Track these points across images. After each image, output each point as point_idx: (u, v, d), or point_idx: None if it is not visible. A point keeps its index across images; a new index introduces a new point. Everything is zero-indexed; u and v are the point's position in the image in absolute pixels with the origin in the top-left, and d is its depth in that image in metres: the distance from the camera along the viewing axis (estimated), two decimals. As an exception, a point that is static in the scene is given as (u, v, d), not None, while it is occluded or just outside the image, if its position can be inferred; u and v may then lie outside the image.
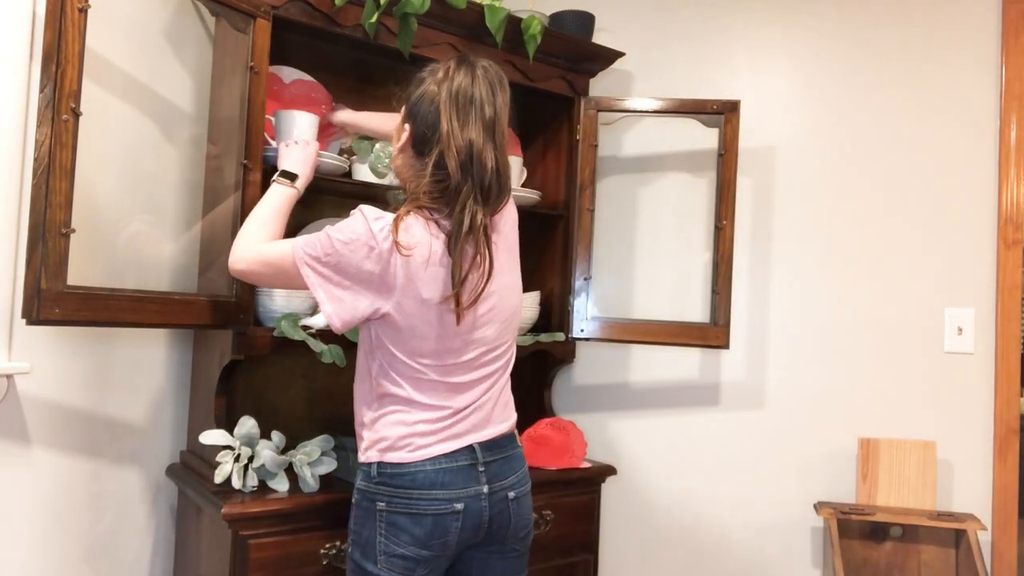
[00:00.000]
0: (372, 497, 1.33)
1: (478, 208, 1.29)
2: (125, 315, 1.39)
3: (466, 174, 1.28)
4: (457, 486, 1.31)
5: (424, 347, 1.32)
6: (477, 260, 1.30)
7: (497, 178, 1.31)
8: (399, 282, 1.27)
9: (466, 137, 1.28)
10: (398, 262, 1.26)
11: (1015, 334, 2.16)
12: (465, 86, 1.30)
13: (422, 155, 1.32)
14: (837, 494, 2.21)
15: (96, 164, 1.64)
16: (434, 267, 1.28)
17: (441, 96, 1.30)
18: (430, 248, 1.28)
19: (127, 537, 1.76)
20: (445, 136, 1.28)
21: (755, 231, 2.34)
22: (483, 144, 1.29)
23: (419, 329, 1.30)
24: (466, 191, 1.28)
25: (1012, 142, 2.17)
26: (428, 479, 1.30)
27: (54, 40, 1.25)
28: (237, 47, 1.64)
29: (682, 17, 2.42)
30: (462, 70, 1.32)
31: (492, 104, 1.32)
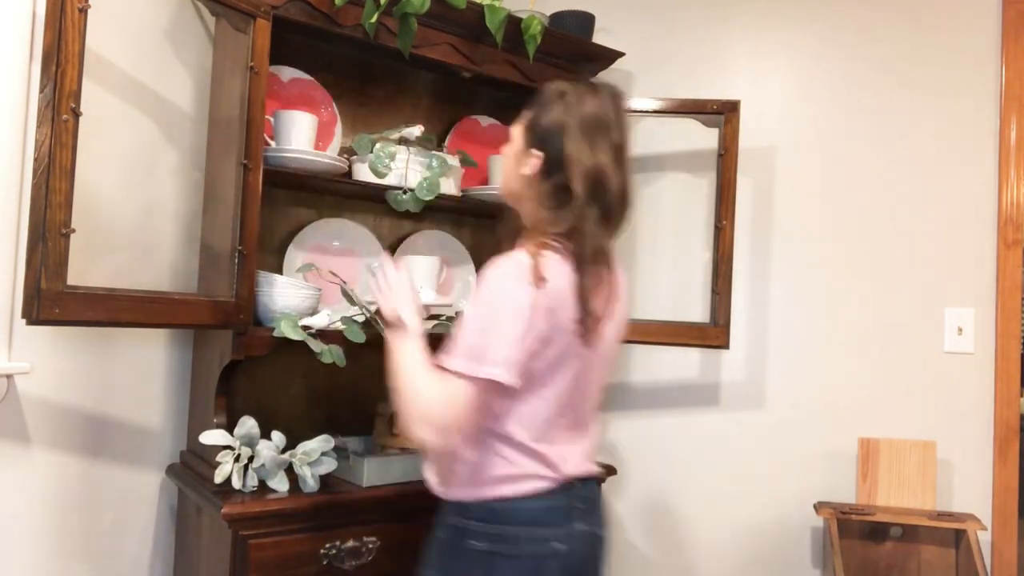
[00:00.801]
0: (468, 535, 1.26)
1: (602, 233, 1.26)
2: (125, 315, 1.39)
3: (593, 198, 1.24)
4: (557, 524, 1.27)
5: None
6: (602, 287, 1.28)
7: (622, 203, 1.28)
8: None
9: (596, 161, 1.24)
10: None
11: (1015, 334, 2.16)
12: (594, 109, 1.27)
13: (548, 179, 1.27)
14: (837, 494, 2.21)
15: (96, 164, 1.64)
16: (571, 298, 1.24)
17: (571, 121, 1.26)
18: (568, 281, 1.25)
19: (127, 537, 1.76)
20: (575, 160, 1.24)
21: (755, 231, 2.34)
22: (612, 168, 1.26)
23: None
24: (592, 215, 1.24)
25: (1012, 142, 2.17)
26: (529, 516, 1.25)
27: (54, 40, 1.25)
28: (237, 47, 1.64)
29: (682, 17, 2.42)
30: (590, 94, 1.29)
31: (619, 128, 1.29)
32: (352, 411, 2.01)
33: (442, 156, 1.93)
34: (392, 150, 1.86)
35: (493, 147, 2.26)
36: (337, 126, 1.99)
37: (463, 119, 2.24)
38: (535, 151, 1.29)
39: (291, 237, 1.95)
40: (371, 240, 2.06)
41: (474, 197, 2.09)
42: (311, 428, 1.90)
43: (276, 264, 1.92)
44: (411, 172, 1.90)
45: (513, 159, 1.35)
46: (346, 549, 1.60)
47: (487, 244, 2.35)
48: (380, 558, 1.64)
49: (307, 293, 1.73)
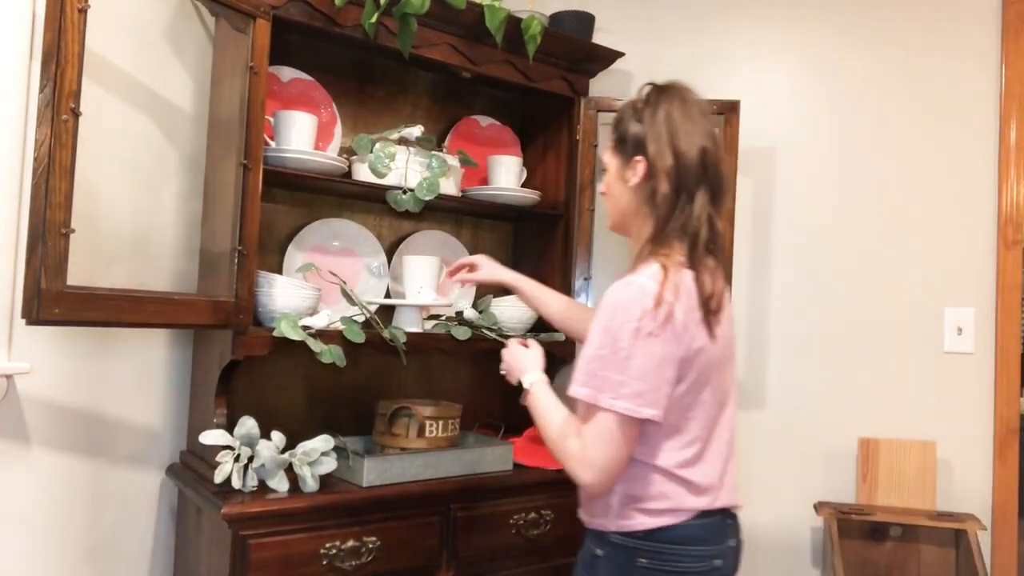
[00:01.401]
0: (632, 553, 1.24)
1: (714, 213, 1.26)
2: (125, 315, 1.39)
3: (698, 182, 1.25)
4: (717, 541, 1.26)
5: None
6: (718, 272, 1.27)
7: (722, 183, 1.28)
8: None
9: (692, 145, 1.25)
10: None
11: (1015, 334, 2.16)
12: (672, 105, 1.28)
13: (654, 179, 1.27)
14: (837, 494, 2.21)
15: (96, 164, 1.64)
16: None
17: (659, 118, 1.27)
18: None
19: (127, 537, 1.76)
20: (674, 148, 1.25)
21: (755, 231, 2.34)
22: (710, 151, 1.26)
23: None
24: (702, 199, 1.24)
25: (1012, 142, 2.17)
26: (691, 534, 1.24)
27: (54, 40, 1.25)
28: (237, 47, 1.64)
29: (682, 17, 2.42)
30: (662, 94, 1.30)
31: (704, 117, 1.30)
32: (352, 411, 2.01)
33: (442, 156, 1.93)
34: (392, 150, 1.86)
35: (493, 147, 2.26)
36: (337, 126, 1.99)
37: (463, 119, 2.24)
38: (636, 158, 1.29)
39: (291, 237, 1.95)
40: (371, 240, 2.06)
41: (474, 197, 2.09)
42: (311, 428, 1.90)
43: (276, 264, 1.92)
44: (411, 172, 1.90)
45: (615, 181, 1.34)
46: (346, 549, 1.60)
47: (487, 244, 2.35)
48: (380, 558, 1.64)
49: (307, 293, 1.73)
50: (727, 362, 1.30)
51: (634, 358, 1.17)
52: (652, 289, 1.18)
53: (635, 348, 1.17)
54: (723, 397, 1.30)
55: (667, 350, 1.18)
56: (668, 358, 1.18)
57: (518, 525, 1.84)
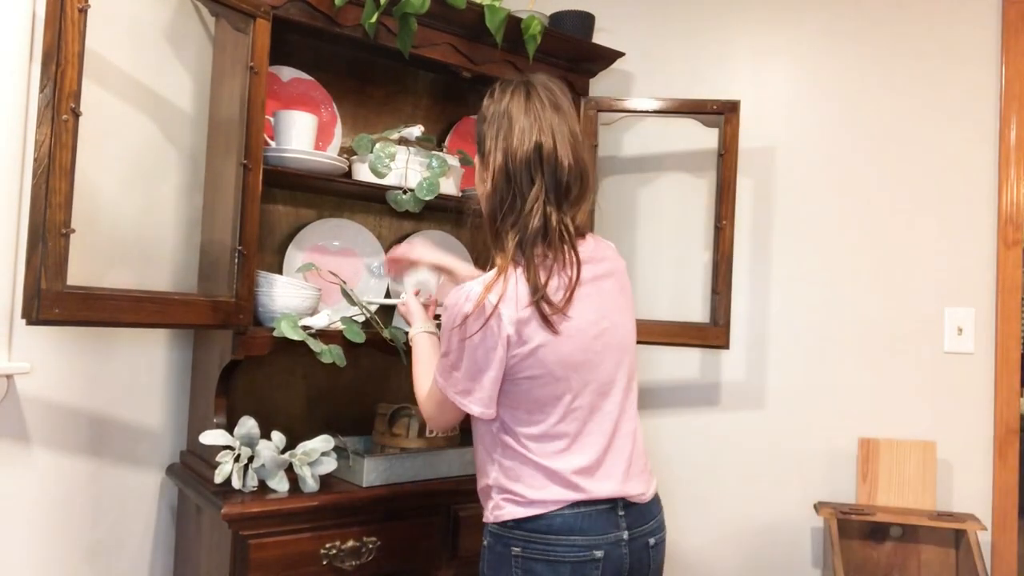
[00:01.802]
0: (507, 542, 1.27)
1: (552, 209, 1.25)
2: (125, 315, 1.39)
3: (534, 177, 1.25)
4: (597, 532, 1.25)
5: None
6: (557, 264, 1.25)
7: (573, 175, 1.27)
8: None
9: (530, 140, 1.25)
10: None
11: (1015, 334, 2.16)
12: (519, 101, 1.29)
13: (486, 181, 1.30)
14: (837, 494, 2.21)
15: (96, 164, 1.64)
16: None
17: (489, 119, 1.30)
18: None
19: (127, 537, 1.76)
20: (493, 150, 1.27)
21: (755, 231, 2.34)
22: (553, 143, 1.26)
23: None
24: (534, 193, 1.24)
25: (1012, 142, 2.17)
26: (567, 525, 1.24)
27: (54, 40, 1.25)
28: (237, 47, 1.64)
29: (682, 17, 2.42)
30: (507, 91, 1.31)
31: (557, 109, 1.29)
32: (352, 411, 2.01)
33: (442, 156, 1.93)
34: (392, 150, 1.86)
35: (493, 147, 2.25)
36: (337, 126, 1.99)
37: (463, 119, 2.24)
38: (477, 158, 1.34)
39: (291, 237, 1.95)
40: (371, 240, 2.06)
41: (474, 197, 2.08)
42: (311, 428, 1.90)
43: (276, 264, 1.92)
44: (411, 172, 1.90)
45: (477, 183, 1.38)
46: (346, 549, 1.60)
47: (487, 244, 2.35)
48: (380, 558, 1.64)
49: (307, 293, 1.73)
50: (596, 353, 1.28)
51: (462, 360, 1.25)
52: (476, 293, 1.22)
53: (460, 351, 1.24)
54: (599, 387, 1.28)
55: (490, 354, 1.22)
56: (493, 359, 1.22)
57: (518, 525, 1.84)
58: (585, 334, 1.26)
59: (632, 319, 1.39)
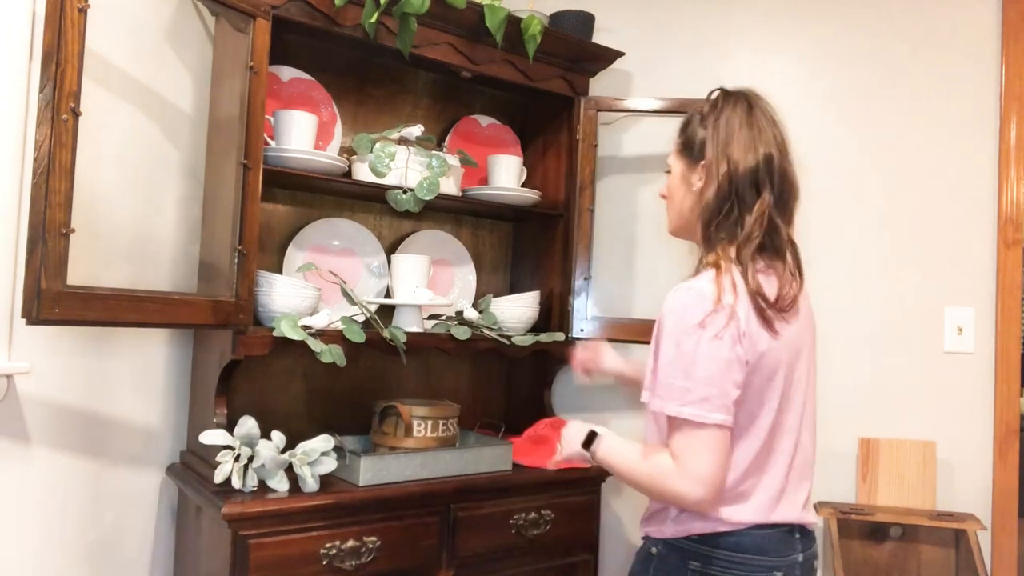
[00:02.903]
0: (684, 555, 1.22)
1: (780, 221, 1.27)
2: (125, 315, 1.39)
3: (758, 189, 1.27)
4: (780, 554, 1.22)
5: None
6: (786, 274, 1.25)
7: (789, 190, 1.31)
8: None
9: (757, 152, 1.27)
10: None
11: (1015, 334, 2.16)
12: (738, 112, 1.30)
13: (714, 184, 1.28)
14: (837, 494, 2.21)
15: (96, 164, 1.64)
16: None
17: (721, 123, 1.29)
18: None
19: (127, 537, 1.76)
20: (733, 154, 1.27)
21: (755, 231, 2.33)
22: (774, 157, 1.28)
23: None
24: (759, 204, 1.25)
25: (1012, 142, 2.17)
26: (756, 544, 1.21)
27: (54, 40, 1.25)
28: (237, 47, 1.64)
29: (682, 17, 2.42)
30: (727, 101, 1.32)
31: (770, 124, 1.31)
32: (352, 411, 2.01)
33: (442, 156, 1.93)
34: (392, 150, 1.86)
35: (493, 147, 2.26)
36: (337, 126, 1.99)
37: (463, 119, 2.25)
38: (700, 163, 1.31)
39: (291, 237, 1.95)
40: (371, 240, 2.07)
41: (474, 197, 2.09)
42: (311, 428, 1.90)
43: (276, 264, 1.92)
44: (411, 172, 1.90)
45: (679, 185, 1.37)
46: (346, 549, 1.60)
47: (487, 244, 2.35)
48: (380, 558, 1.64)
49: (307, 293, 1.73)
50: (793, 368, 1.24)
51: (699, 363, 1.14)
52: (710, 292, 1.17)
53: (699, 352, 1.14)
54: (792, 404, 1.25)
55: (733, 352, 1.15)
56: (734, 360, 1.15)
57: (518, 525, 1.84)
58: (793, 347, 1.24)
59: (815, 348, 1.35)
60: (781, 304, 1.21)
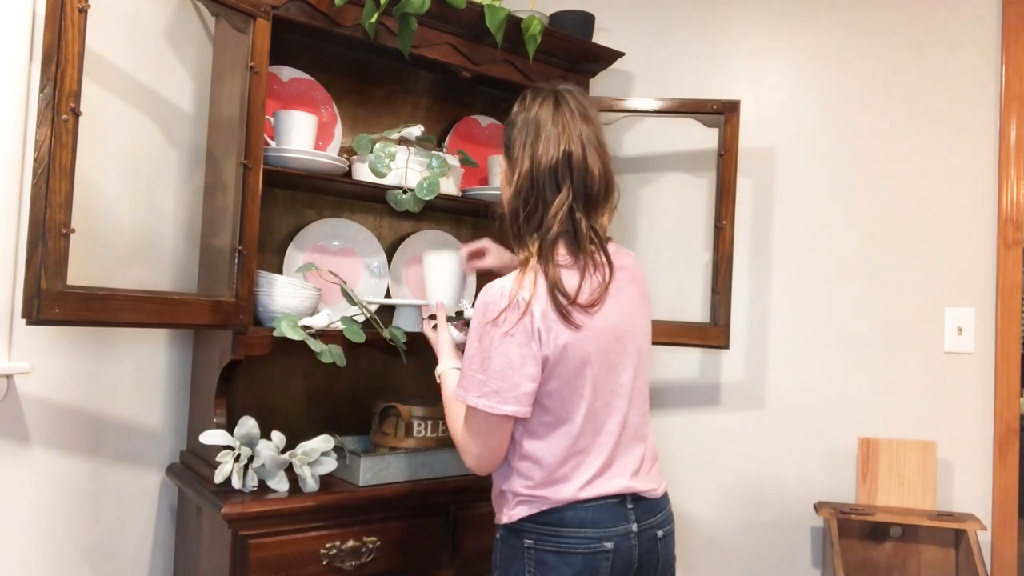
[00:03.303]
0: (520, 535, 1.30)
1: (581, 215, 1.29)
2: (125, 315, 1.39)
3: (559, 183, 1.29)
4: (607, 524, 1.28)
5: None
6: (589, 266, 1.29)
7: (589, 186, 1.31)
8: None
9: (557, 148, 1.29)
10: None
11: (1015, 334, 2.16)
12: (548, 109, 1.33)
13: (513, 184, 1.34)
14: (837, 494, 2.21)
15: (96, 164, 1.64)
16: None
17: (518, 124, 1.35)
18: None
19: (127, 537, 1.76)
20: (522, 157, 1.32)
21: (755, 231, 2.34)
22: (582, 152, 1.30)
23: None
24: (559, 199, 1.28)
25: (1012, 142, 2.17)
26: (578, 518, 1.28)
27: (54, 40, 1.25)
28: (237, 47, 1.64)
29: (682, 17, 2.42)
30: (536, 98, 1.36)
31: (586, 118, 1.34)
32: (352, 411, 2.01)
33: (442, 156, 1.93)
34: (392, 150, 1.86)
35: (493, 147, 2.26)
36: (337, 126, 1.99)
37: (463, 119, 2.24)
38: (505, 161, 1.38)
39: (291, 237, 1.95)
40: (371, 240, 2.06)
41: (474, 197, 2.09)
42: (311, 428, 1.90)
43: (276, 264, 1.92)
44: (411, 172, 1.90)
45: (503, 186, 1.41)
46: (346, 549, 1.60)
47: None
48: (380, 558, 1.64)
49: (307, 293, 1.73)
50: (616, 355, 1.31)
51: (492, 358, 1.25)
52: (508, 289, 1.25)
53: (492, 348, 1.24)
54: (616, 387, 1.31)
55: (527, 348, 1.23)
56: (528, 355, 1.23)
57: (518, 525, 1.84)
58: (607, 334, 1.30)
59: (649, 326, 1.42)
60: (580, 298, 1.26)
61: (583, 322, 1.26)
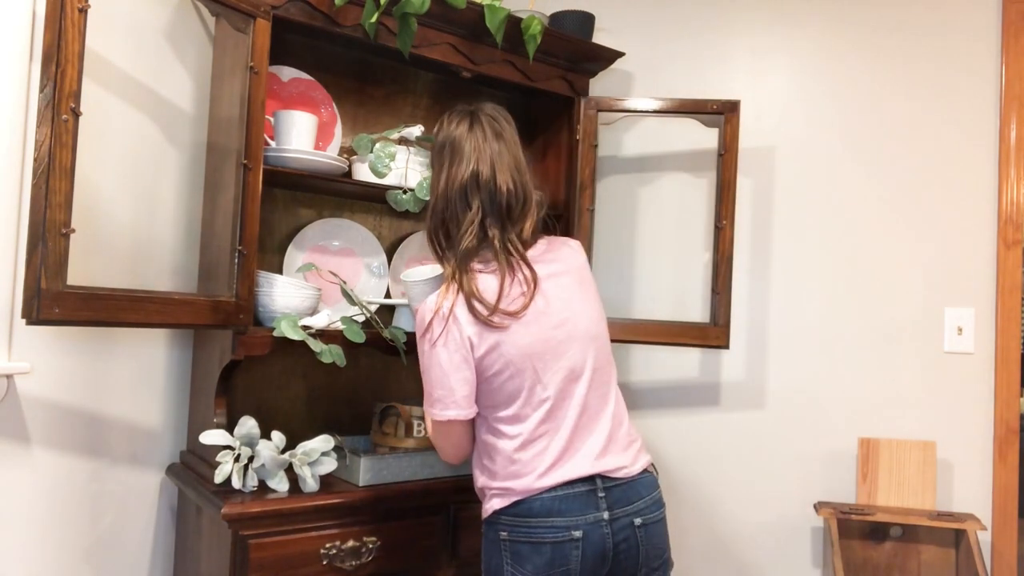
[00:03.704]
0: (496, 528, 1.36)
1: (495, 229, 1.38)
2: (125, 315, 1.39)
3: (470, 200, 1.38)
4: (575, 513, 1.31)
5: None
6: (509, 272, 1.37)
7: (514, 197, 1.40)
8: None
9: (467, 169, 1.39)
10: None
11: (1015, 334, 2.16)
12: (462, 131, 1.42)
13: (433, 198, 1.45)
14: (837, 494, 2.21)
15: (96, 164, 1.64)
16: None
17: (440, 143, 1.45)
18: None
19: (127, 537, 1.76)
20: (443, 175, 1.42)
21: (755, 231, 2.34)
22: (491, 171, 1.39)
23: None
24: (470, 215, 1.38)
25: (1012, 142, 2.17)
26: (545, 507, 1.32)
27: (54, 40, 1.25)
28: (237, 47, 1.64)
29: (682, 17, 2.42)
30: (454, 121, 1.45)
31: (497, 136, 1.43)
32: (352, 411, 2.01)
33: (442, 156, 1.93)
34: (392, 150, 1.86)
35: (493, 147, 2.26)
36: (337, 126, 1.99)
37: (463, 119, 2.24)
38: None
39: (291, 237, 1.95)
40: (371, 240, 2.06)
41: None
42: (311, 428, 1.90)
43: (276, 264, 1.92)
44: (411, 172, 1.90)
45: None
46: (346, 549, 1.60)
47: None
48: (380, 558, 1.64)
49: (307, 293, 1.73)
50: (560, 342, 1.36)
51: (429, 368, 1.36)
52: (433, 303, 1.36)
53: (427, 359, 1.36)
54: (568, 374, 1.36)
55: (456, 353, 1.33)
56: (459, 360, 1.33)
57: (518, 525, 1.84)
58: (543, 325, 1.35)
59: (597, 309, 1.46)
60: (503, 304, 1.33)
61: (507, 322, 1.33)
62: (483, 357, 1.33)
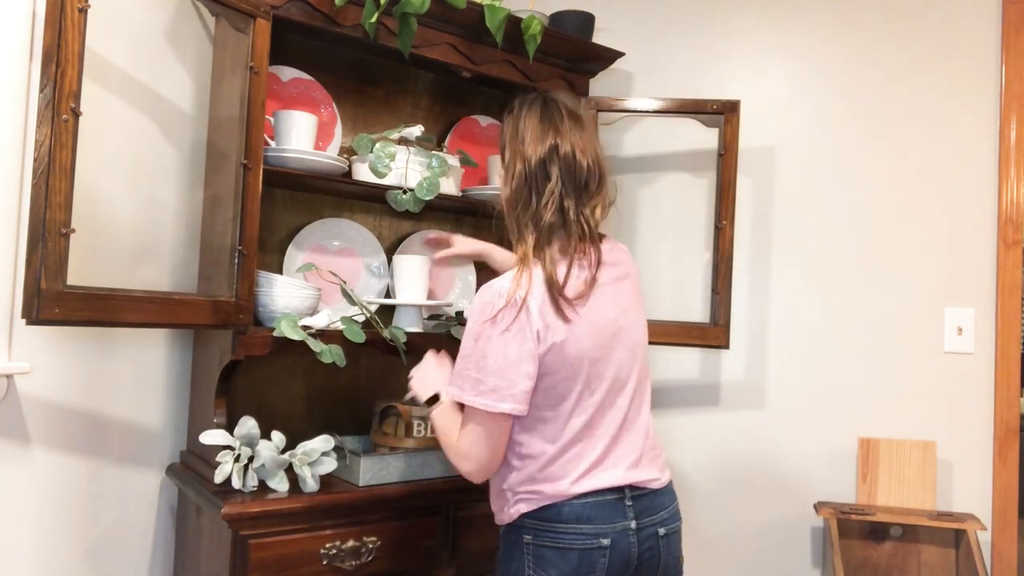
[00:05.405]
0: (519, 531, 1.33)
1: (570, 202, 1.33)
2: (125, 315, 1.39)
3: (549, 178, 1.33)
4: (604, 521, 1.29)
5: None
6: (578, 258, 1.32)
7: (591, 173, 1.36)
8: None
9: (545, 145, 1.34)
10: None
11: (1015, 334, 2.16)
12: (536, 112, 1.38)
13: (508, 185, 1.38)
14: (837, 494, 2.21)
15: (96, 164, 1.64)
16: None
17: (509, 128, 1.40)
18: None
19: (127, 537, 1.76)
20: (512, 158, 1.37)
21: (755, 231, 2.34)
22: (571, 147, 1.34)
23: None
24: (551, 193, 1.32)
25: (1012, 142, 2.17)
26: (575, 513, 1.29)
27: (54, 40, 1.25)
28: (237, 47, 1.64)
29: (682, 17, 2.42)
30: (525, 104, 1.41)
31: (574, 117, 1.39)
32: (352, 411, 2.01)
33: (442, 156, 1.93)
34: (392, 150, 1.86)
35: (493, 147, 2.26)
36: (337, 126, 1.99)
37: (463, 119, 2.24)
38: (501, 167, 1.42)
39: (291, 237, 1.95)
40: (371, 240, 2.06)
41: (474, 197, 2.09)
42: (311, 428, 1.90)
43: (276, 264, 1.92)
44: (411, 172, 1.90)
45: (501, 187, 1.44)
46: (346, 549, 1.60)
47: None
48: (380, 558, 1.64)
49: (307, 293, 1.73)
50: (613, 350, 1.33)
51: (488, 358, 1.27)
52: (506, 288, 1.28)
53: (489, 346, 1.27)
54: (613, 383, 1.33)
55: (523, 345, 1.25)
56: (525, 353, 1.25)
57: (518, 525, 1.84)
58: (604, 331, 1.32)
59: (645, 320, 1.44)
60: (567, 290, 1.29)
61: (574, 316, 1.28)
62: (544, 355, 1.27)
